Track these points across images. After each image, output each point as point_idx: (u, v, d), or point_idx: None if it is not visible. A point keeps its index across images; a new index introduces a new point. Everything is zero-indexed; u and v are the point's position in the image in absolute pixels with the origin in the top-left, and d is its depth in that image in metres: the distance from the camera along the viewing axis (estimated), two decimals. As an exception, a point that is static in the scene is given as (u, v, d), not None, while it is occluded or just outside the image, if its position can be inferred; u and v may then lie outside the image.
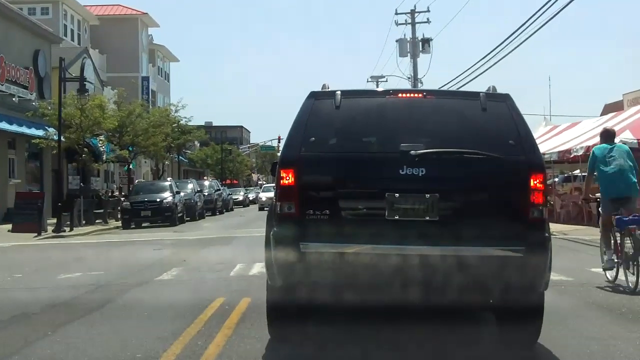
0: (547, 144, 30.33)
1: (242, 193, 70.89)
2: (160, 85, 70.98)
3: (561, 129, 33.09)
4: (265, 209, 46.00)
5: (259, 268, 14.10)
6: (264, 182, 77.90)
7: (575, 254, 16.83)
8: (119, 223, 34.91)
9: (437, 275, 6.64)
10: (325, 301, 7.15)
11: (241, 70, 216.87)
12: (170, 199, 34.96)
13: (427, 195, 6.68)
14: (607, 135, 12.05)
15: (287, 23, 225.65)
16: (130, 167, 48.80)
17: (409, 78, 48.45)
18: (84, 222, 34.04)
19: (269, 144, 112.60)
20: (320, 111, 7.09)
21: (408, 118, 7.12)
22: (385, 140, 6.97)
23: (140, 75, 63.05)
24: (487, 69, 41.46)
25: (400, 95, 7.46)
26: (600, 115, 36.44)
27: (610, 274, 11.80)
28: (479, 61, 34.20)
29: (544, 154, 15.84)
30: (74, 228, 30.93)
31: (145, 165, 61.97)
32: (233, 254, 17.71)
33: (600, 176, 11.70)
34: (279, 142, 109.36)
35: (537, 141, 7.68)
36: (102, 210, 36.51)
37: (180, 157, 66.84)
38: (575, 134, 29.45)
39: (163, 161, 54.99)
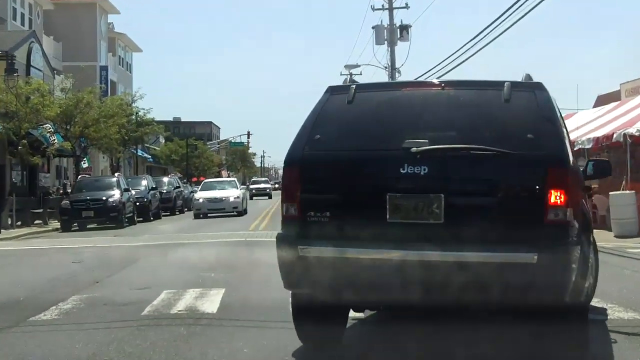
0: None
1: (207, 191, 66.81)
2: (121, 75, 67.29)
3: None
4: (211, 215, 37.40)
5: (190, 299, 10.19)
6: (234, 180, 72.18)
7: (614, 271, 12.50)
8: (63, 224, 30.85)
9: (441, 282, 6.10)
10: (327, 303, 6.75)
11: (211, 64, 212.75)
12: (117, 197, 30.83)
13: (431, 196, 6.21)
14: None
15: (258, 15, 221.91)
16: (85, 162, 44.91)
17: (385, 67, 45.34)
18: (18, 223, 30.22)
19: (238, 139, 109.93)
20: (332, 107, 6.83)
21: (420, 112, 6.69)
22: (390, 137, 6.51)
23: (99, 65, 59.48)
24: (467, 58, 38.18)
25: (416, 88, 7.27)
26: (594, 107, 34.02)
27: None
28: (460, 49, 30.87)
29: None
30: (3, 230, 27.03)
31: (103, 161, 58.12)
32: (166, 271, 13.79)
33: None
34: (249, 137, 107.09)
35: None
36: (41, 210, 32.61)
37: (141, 153, 62.83)
38: (574, 125, 27.13)
39: (118, 156, 50.97)
